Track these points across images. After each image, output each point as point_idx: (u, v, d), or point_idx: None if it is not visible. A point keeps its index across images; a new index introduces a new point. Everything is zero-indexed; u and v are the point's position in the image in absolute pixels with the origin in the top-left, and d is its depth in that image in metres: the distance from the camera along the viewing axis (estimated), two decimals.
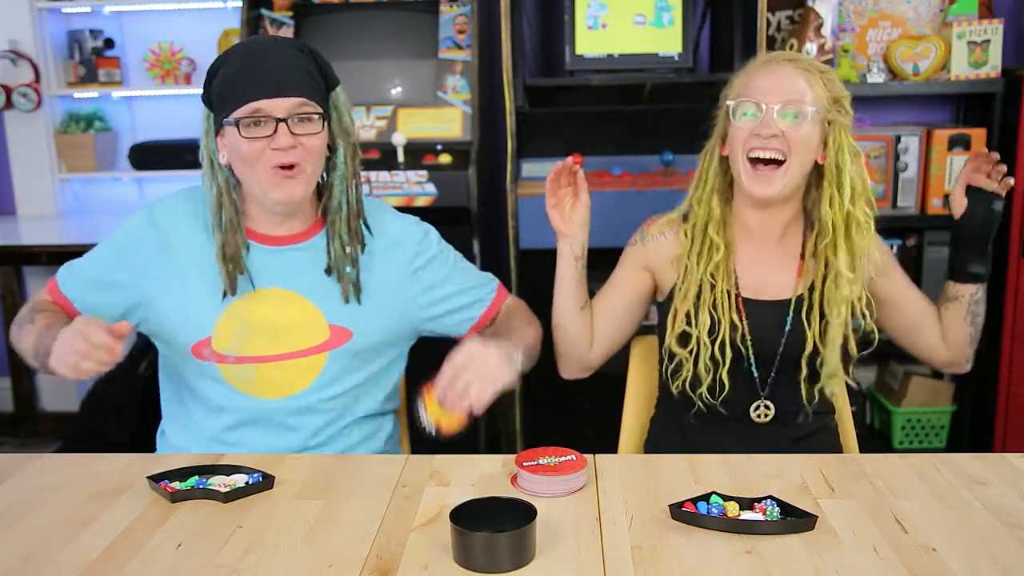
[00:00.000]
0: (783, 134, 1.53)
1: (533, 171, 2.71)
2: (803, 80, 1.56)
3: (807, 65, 1.58)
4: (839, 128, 1.58)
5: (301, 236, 1.56)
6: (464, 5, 2.84)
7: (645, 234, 1.72)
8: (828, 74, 1.59)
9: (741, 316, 1.62)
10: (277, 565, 1.10)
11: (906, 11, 2.90)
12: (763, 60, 1.62)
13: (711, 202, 1.65)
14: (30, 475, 1.38)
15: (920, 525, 1.17)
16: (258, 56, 1.45)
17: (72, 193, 3.66)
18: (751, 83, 1.58)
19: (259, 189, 1.48)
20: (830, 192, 1.59)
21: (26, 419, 3.61)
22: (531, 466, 1.29)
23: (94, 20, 3.57)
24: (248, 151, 1.44)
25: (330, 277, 1.54)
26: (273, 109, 1.43)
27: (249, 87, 1.42)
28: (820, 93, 1.56)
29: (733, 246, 1.65)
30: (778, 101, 1.54)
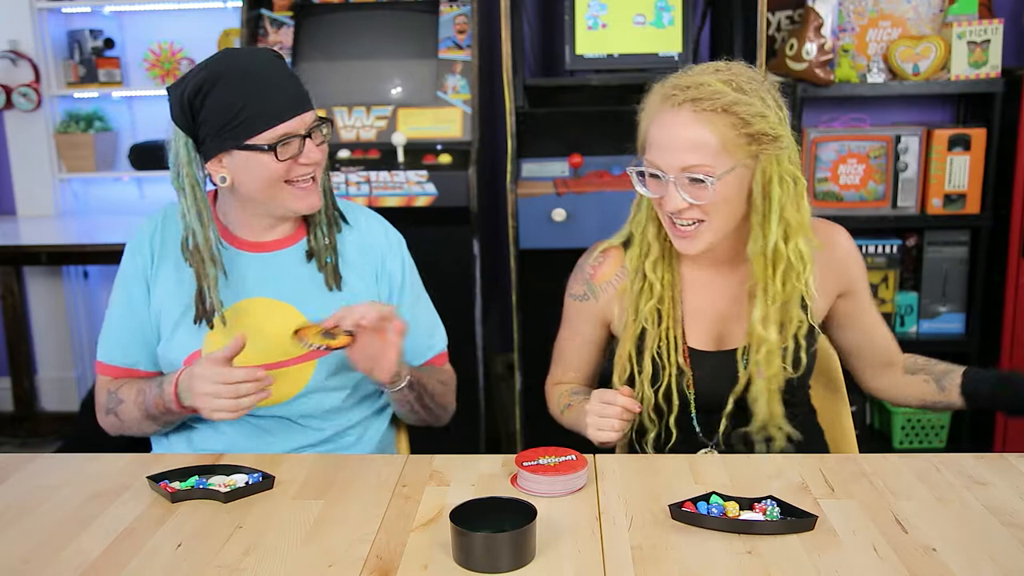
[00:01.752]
0: (690, 206, 1.37)
1: (533, 171, 2.71)
2: (701, 130, 1.34)
3: (708, 105, 1.34)
4: (767, 159, 1.38)
5: (290, 239, 1.57)
6: (464, 5, 2.84)
7: (594, 287, 1.57)
8: (740, 105, 1.34)
9: (687, 364, 1.50)
10: (277, 565, 1.10)
11: (906, 11, 2.90)
12: (662, 96, 1.39)
13: (647, 233, 1.50)
14: (30, 475, 1.38)
15: (920, 525, 1.17)
16: (263, 78, 1.43)
17: (72, 193, 3.67)
18: (651, 133, 1.40)
19: (279, 204, 1.49)
20: (757, 228, 1.41)
21: (26, 419, 3.61)
22: (531, 466, 1.29)
23: (94, 20, 3.57)
24: (277, 170, 1.44)
25: (313, 270, 1.55)
26: (298, 127, 1.44)
27: (274, 111, 1.42)
28: (725, 137, 1.34)
29: (677, 283, 1.51)
30: (675, 168, 1.36)
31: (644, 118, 1.43)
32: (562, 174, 2.68)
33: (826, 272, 1.50)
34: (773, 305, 1.44)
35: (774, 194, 1.39)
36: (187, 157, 1.46)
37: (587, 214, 2.60)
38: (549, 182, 2.64)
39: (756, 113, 1.36)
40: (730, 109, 1.34)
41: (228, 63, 1.44)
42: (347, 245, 1.59)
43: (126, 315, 1.56)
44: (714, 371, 1.51)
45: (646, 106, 1.43)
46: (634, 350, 1.51)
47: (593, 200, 2.61)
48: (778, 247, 1.42)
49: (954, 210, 2.85)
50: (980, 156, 2.81)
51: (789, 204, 1.41)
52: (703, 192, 1.36)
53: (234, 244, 1.55)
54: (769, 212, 1.40)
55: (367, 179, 2.64)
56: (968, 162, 2.82)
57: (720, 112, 1.34)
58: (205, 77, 1.41)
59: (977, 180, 2.82)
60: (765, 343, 1.45)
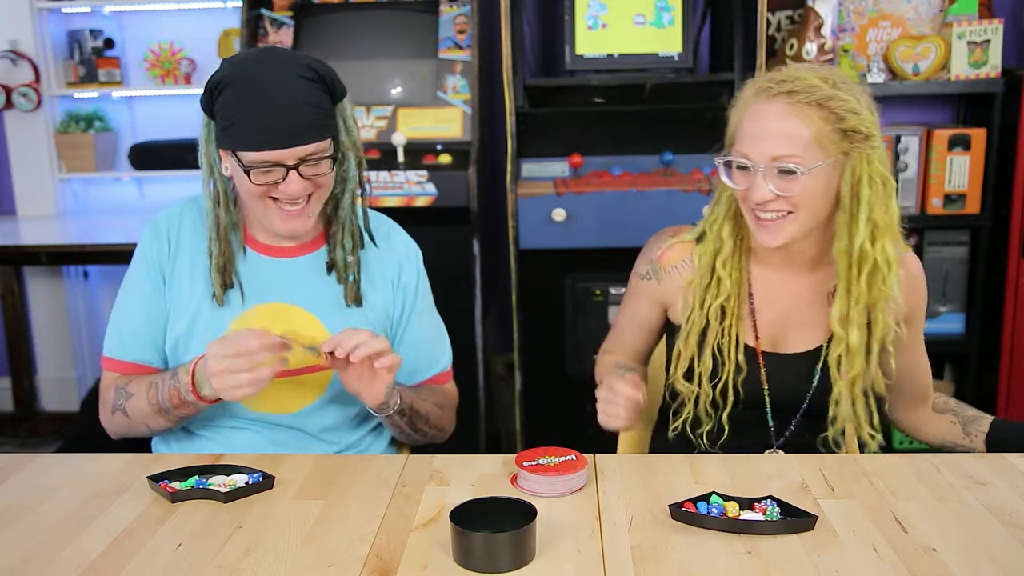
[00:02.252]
0: (777, 197, 1.37)
1: (533, 171, 2.71)
2: (796, 122, 1.35)
3: (804, 98, 1.35)
4: (858, 157, 1.38)
5: (309, 247, 1.56)
6: (464, 5, 2.84)
7: (659, 269, 1.57)
8: (835, 100, 1.36)
9: (760, 365, 1.51)
10: (277, 565, 1.10)
11: (906, 11, 2.90)
12: (756, 89, 1.41)
13: (722, 230, 1.50)
14: (30, 475, 1.38)
15: (920, 525, 1.17)
16: (268, 97, 1.38)
17: (72, 193, 3.67)
18: (742, 125, 1.41)
19: (264, 219, 1.48)
20: (843, 227, 1.41)
21: (26, 419, 3.61)
22: (531, 466, 1.29)
23: (94, 20, 3.57)
24: (256, 191, 1.42)
25: (332, 282, 1.53)
26: (285, 157, 1.40)
27: (260, 135, 1.38)
28: (819, 131, 1.35)
29: (746, 283, 1.52)
30: (766, 158, 1.36)
31: (735, 113, 1.44)
32: (562, 174, 2.68)
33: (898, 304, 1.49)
34: (856, 306, 1.43)
35: (863, 193, 1.39)
36: (206, 136, 1.46)
37: (587, 214, 2.60)
38: (549, 182, 2.64)
39: (850, 109, 1.36)
40: (824, 103, 1.35)
41: (249, 69, 1.41)
42: (371, 260, 1.58)
43: (139, 308, 1.53)
44: (785, 373, 1.51)
45: (737, 101, 1.44)
46: (695, 344, 1.52)
47: (593, 200, 2.61)
48: (864, 248, 1.41)
49: (954, 210, 2.85)
50: (980, 156, 2.81)
51: (878, 205, 1.40)
52: (792, 184, 1.36)
53: (251, 245, 1.54)
54: (857, 212, 1.39)
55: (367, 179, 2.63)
56: (968, 162, 2.82)
57: (815, 105, 1.35)
58: (227, 73, 1.40)
59: (977, 180, 2.82)
60: (843, 343, 1.45)
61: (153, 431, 1.54)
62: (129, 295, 1.55)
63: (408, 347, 1.61)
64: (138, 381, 1.51)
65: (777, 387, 1.52)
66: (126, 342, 1.54)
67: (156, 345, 1.54)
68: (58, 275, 3.65)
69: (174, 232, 1.55)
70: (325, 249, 1.56)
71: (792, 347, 1.53)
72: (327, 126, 1.44)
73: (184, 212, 1.57)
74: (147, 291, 1.53)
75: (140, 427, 1.52)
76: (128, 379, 1.53)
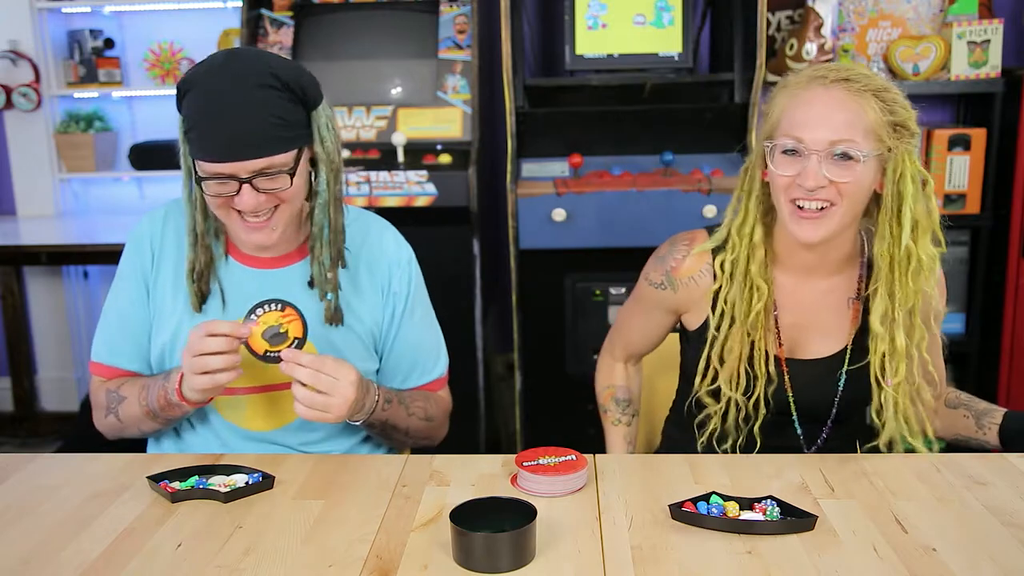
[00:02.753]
0: (830, 183, 1.34)
1: (533, 171, 2.71)
2: (855, 108, 1.33)
3: (862, 86, 1.34)
4: (901, 154, 1.36)
5: (290, 258, 1.52)
6: (464, 5, 2.84)
7: (675, 280, 1.53)
8: (888, 92, 1.35)
9: (783, 372, 1.48)
10: (277, 565, 1.10)
11: (906, 11, 2.90)
12: (809, 76, 1.38)
13: (753, 235, 1.45)
14: (30, 475, 1.38)
15: (920, 525, 1.17)
16: (221, 107, 1.33)
17: (72, 193, 3.67)
18: (792, 112, 1.37)
19: (230, 230, 1.45)
20: (886, 226, 1.39)
21: (26, 419, 3.61)
22: (531, 466, 1.29)
23: (94, 20, 3.57)
24: (212, 201, 1.39)
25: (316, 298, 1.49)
26: (237, 171, 1.34)
27: (210, 147, 1.34)
28: (876, 120, 1.34)
29: (773, 288, 1.48)
30: (823, 143, 1.33)
31: (779, 102, 1.40)
32: (562, 174, 2.69)
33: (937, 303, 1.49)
34: (901, 308, 1.41)
35: (907, 191, 1.37)
36: (182, 138, 1.43)
37: (587, 214, 2.60)
38: (549, 182, 2.64)
39: (902, 104, 1.37)
40: (879, 94, 1.35)
41: (207, 75, 1.35)
42: (360, 268, 1.54)
43: (126, 316, 1.53)
44: (809, 379, 1.49)
45: (781, 91, 1.41)
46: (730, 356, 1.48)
47: (593, 200, 2.61)
48: (908, 247, 1.39)
49: (954, 210, 2.85)
50: (980, 156, 2.81)
51: (920, 203, 1.39)
52: (847, 170, 1.34)
53: (234, 255, 1.51)
54: (902, 207, 1.38)
55: (367, 179, 2.64)
56: (968, 162, 2.82)
57: (871, 95, 1.34)
58: (190, 76, 1.36)
59: (977, 180, 2.82)
60: (886, 345, 1.42)
61: (145, 433, 1.54)
62: (116, 302, 1.54)
63: (400, 352, 1.58)
64: (130, 384, 1.50)
65: (801, 393, 1.49)
66: (114, 348, 1.54)
67: (142, 353, 1.53)
68: (58, 275, 3.65)
69: (157, 239, 1.52)
70: (306, 262, 1.52)
71: (812, 353, 1.50)
72: (289, 138, 1.36)
73: (168, 217, 1.54)
74: (132, 299, 1.52)
75: (132, 430, 1.52)
76: (121, 382, 1.52)
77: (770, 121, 1.42)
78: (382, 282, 1.56)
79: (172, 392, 1.41)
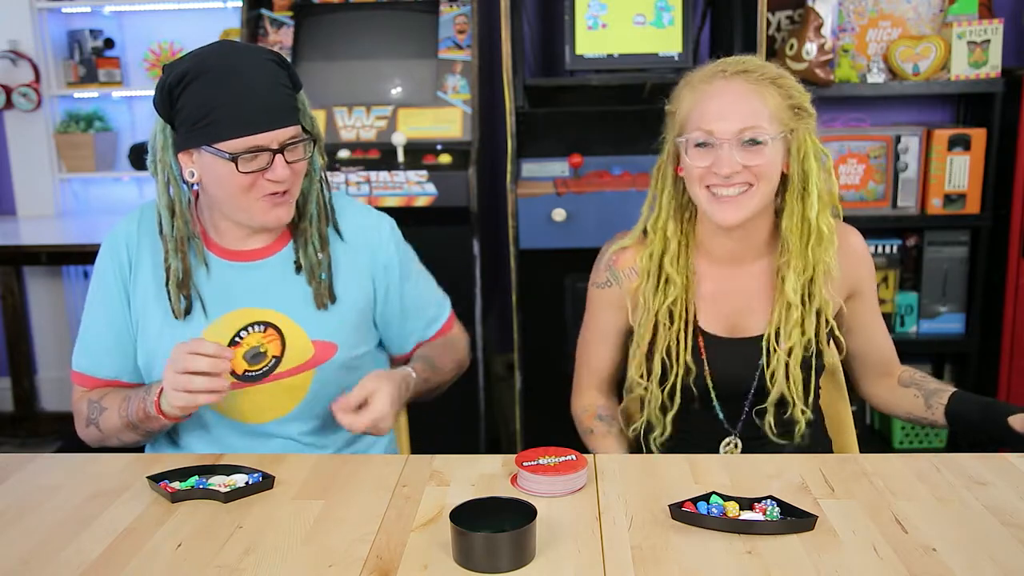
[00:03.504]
0: (744, 168, 1.42)
1: (533, 171, 2.71)
2: (756, 97, 1.42)
3: (759, 76, 1.43)
4: (803, 133, 1.46)
5: (272, 248, 1.52)
6: (464, 5, 2.84)
7: (616, 273, 1.58)
8: (783, 79, 1.45)
9: (701, 356, 1.52)
10: (277, 565, 1.10)
11: (906, 11, 2.90)
12: (710, 73, 1.46)
13: (666, 230, 1.53)
14: (30, 475, 1.38)
15: (920, 525, 1.17)
16: (246, 82, 1.36)
17: (72, 193, 3.67)
18: (700, 107, 1.44)
19: (244, 214, 1.44)
20: (793, 203, 1.47)
21: (26, 419, 3.61)
22: (531, 466, 1.29)
23: (94, 20, 3.58)
24: (239, 181, 1.38)
25: (303, 283, 1.50)
26: (270, 141, 1.37)
27: (245, 121, 1.36)
28: (776, 105, 1.43)
29: (694, 277, 1.54)
30: (732, 132, 1.41)
31: (684, 100, 1.48)
32: (562, 174, 2.68)
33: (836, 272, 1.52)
34: (803, 277, 1.48)
35: (811, 166, 1.46)
36: (163, 142, 1.42)
37: (587, 214, 2.60)
38: (549, 182, 2.64)
39: (797, 88, 1.47)
40: (776, 81, 1.45)
41: (216, 59, 1.38)
42: (340, 254, 1.54)
43: (106, 324, 1.51)
44: (733, 358, 1.53)
45: (684, 90, 1.49)
46: (646, 352, 1.54)
47: (593, 200, 2.61)
48: (812, 219, 1.47)
49: (954, 210, 2.85)
50: (980, 156, 2.81)
51: (823, 177, 1.47)
52: (757, 154, 1.42)
53: (215, 251, 1.51)
54: (808, 183, 1.46)
55: (367, 179, 2.64)
56: (968, 162, 2.82)
57: (769, 83, 1.44)
58: (190, 67, 1.36)
59: (977, 180, 2.82)
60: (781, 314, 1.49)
61: (125, 443, 1.52)
62: (94, 310, 1.53)
63: (405, 316, 1.61)
64: (112, 395, 1.50)
65: (721, 373, 1.53)
66: (94, 358, 1.53)
67: (125, 360, 1.52)
68: (58, 275, 3.65)
69: (133, 246, 1.52)
70: (291, 247, 1.52)
71: (741, 334, 1.54)
72: (299, 111, 1.44)
73: (143, 220, 1.53)
74: (111, 306, 1.51)
75: (112, 440, 1.51)
76: (103, 392, 1.52)
77: (679, 118, 1.49)
78: (366, 266, 1.56)
79: (151, 405, 1.41)
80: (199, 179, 1.43)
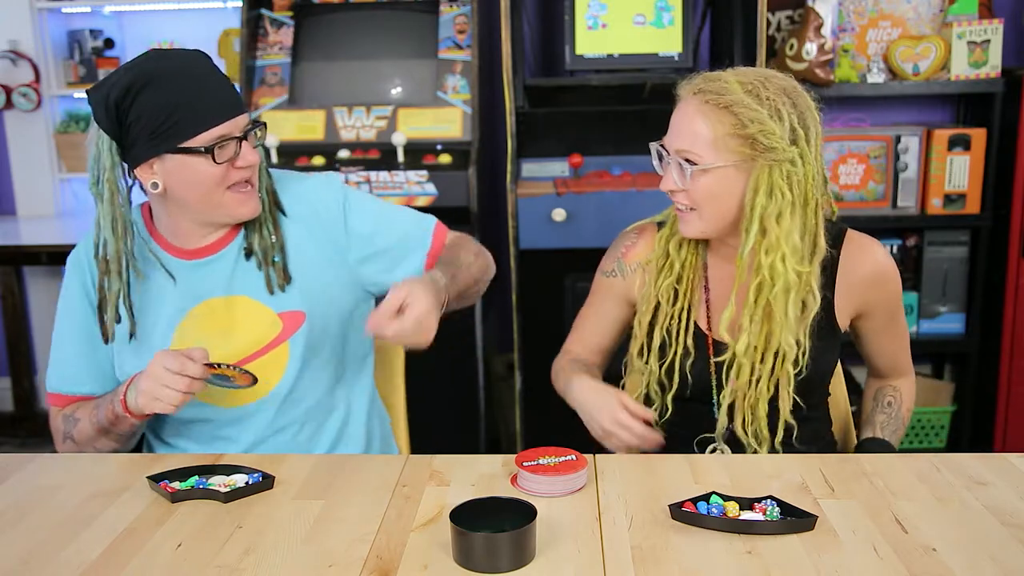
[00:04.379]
0: (680, 189, 1.42)
1: (533, 171, 2.71)
2: (703, 121, 1.38)
3: (714, 100, 1.38)
4: (760, 168, 1.38)
5: (226, 239, 1.52)
6: (464, 5, 2.84)
7: (624, 266, 1.59)
8: (739, 106, 1.36)
9: (709, 354, 1.51)
10: (277, 565, 1.10)
11: (906, 11, 2.90)
12: (687, 85, 1.45)
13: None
14: (30, 475, 1.38)
15: (920, 525, 1.17)
16: (196, 78, 1.40)
17: (72, 193, 3.67)
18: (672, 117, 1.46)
19: (217, 210, 1.45)
20: (742, 233, 1.42)
21: (26, 419, 3.61)
22: (531, 466, 1.29)
23: (94, 20, 3.58)
24: (214, 174, 1.40)
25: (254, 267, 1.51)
26: (232, 129, 1.41)
27: (209, 113, 1.39)
28: (723, 133, 1.37)
29: (699, 268, 1.54)
30: (673, 149, 1.42)
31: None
32: (562, 174, 2.69)
33: (847, 286, 1.50)
34: (746, 309, 1.44)
35: (758, 203, 1.39)
36: (110, 162, 1.41)
37: (587, 214, 2.60)
38: (549, 182, 2.64)
39: (755, 119, 1.36)
40: (730, 108, 1.37)
41: (158, 63, 1.39)
42: (296, 231, 1.53)
43: (76, 342, 1.52)
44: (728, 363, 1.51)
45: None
46: (647, 323, 1.54)
47: (593, 200, 2.61)
48: (751, 258, 1.42)
49: (954, 210, 2.85)
50: (980, 156, 2.81)
51: (770, 218, 1.39)
52: (692, 178, 1.41)
53: (173, 253, 1.51)
54: (751, 221, 1.40)
55: (367, 179, 2.64)
56: (968, 162, 2.82)
57: (720, 108, 1.38)
58: (134, 78, 1.36)
59: (977, 180, 2.82)
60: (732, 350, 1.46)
61: (100, 451, 1.52)
62: (64, 330, 1.54)
63: (398, 246, 1.58)
64: (84, 407, 1.51)
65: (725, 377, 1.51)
66: (67, 377, 1.54)
67: (99, 376, 1.53)
68: (58, 275, 3.64)
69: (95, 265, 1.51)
70: (243, 235, 1.52)
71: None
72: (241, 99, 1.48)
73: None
74: (81, 324, 1.52)
75: (87, 449, 1.51)
76: (75, 406, 1.53)
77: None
78: (313, 225, 1.54)
79: (118, 405, 1.42)
80: (163, 188, 1.42)
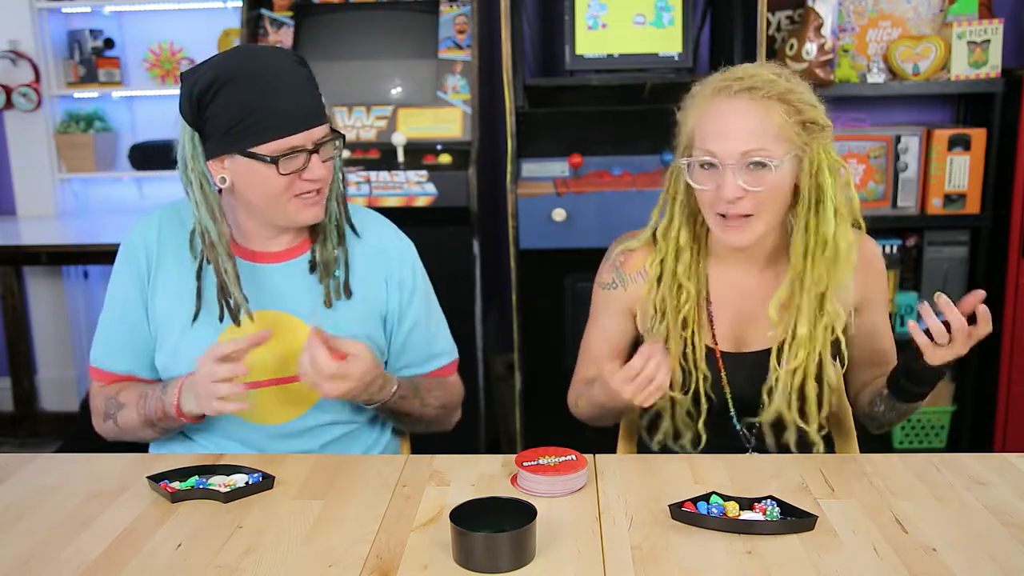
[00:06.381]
0: (747, 193, 1.35)
1: (533, 171, 2.71)
2: (762, 116, 1.35)
3: (766, 92, 1.35)
4: (816, 149, 1.38)
5: (296, 250, 1.52)
6: (464, 5, 2.84)
7: (623, 275, 1.55)
8: (792, 93, 1.37)
9: (719, 368, 1.49)
10: (277, 565, 1.10)
11: (906, 11, 2.90)
12: (714, 88, 1.39)
13: (679, 238, 1.48)
14: (30, 475, 1.38)
15: (920, 525, 1.17)
16: (278, 83, 1.37)
17: (72, 193, 3.67)
18: (703, 125, 1.38)
19: (280, 214, 1.45)
20: (803, 219, 1.40)
21: (26, 419, 3.61)
22: (531, 466, 1.29)
23: (94, 20, 3.57)
24: (278, 183, 1.39)
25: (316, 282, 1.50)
26: (305, 142, 1.39)
27: (282, 123, 1.37)
28: (784, 122, 1.35)
29: (703, 288, 1.50)
30: (735, 154, 1.34)
31: (691, 115, 1.42)
32: (562, 174, 2.69)
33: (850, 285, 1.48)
34: (808, 295, 1.42)
35: (826, 182, 1.38)
36: (192, 151, 1.42)
37: (587, 214, 2.60)
38: (549, 182, 2.64)
39: (807, 102, 1.38)
40: (784, 97, 1.36)
41: (244, 63, 1.38)
42: (355, 255, 1.55)
43: (123, 321, 1.52)
44: (746, 372, 1.50)
45: (691, 103, 1.43)
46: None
47: (593, 200, 2.61)
48: (828, 236, 1.40)
49: (954, 210, 2.85)
50: (980, 156, 2.81)
51: (840, 192, 1.40)
52: (763, 177, 1.36)
53: (238, 253, 1.51)
54: (824, 199, 1.39)
55: (367, 179, 2.64)
56: (968, 162, 2.82)
57: (776, 100, 1.35)
58: (218, 74, 1.36)
59: (977, 180, 2.82)
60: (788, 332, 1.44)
61: (143, 439, 1.54)
62: (113, 307, 1.53)
63: (412, 340, 1.59)
64: (129, 391, 1.50)
65: (738, 388, 1.50)
66: (112, 353, 1.54)
67: (142, 358, 1.53)
68: (58, 275, 3.65)
69: (153, 251, 1.51)
70: (310, 250, 1.53)
71: (751, 346, 1.51)
72: (325, 110, 1.44)
73: (163, 224, 1.53)
74: (127, 307, 1.52)
75: (130, 436, 1.52)
76: (119, 387, 1.52)
77: (684, 135, 1.44)
78: (385, 273, 1.56)
79: (170, 407, 1.42)
80: (231, 184, 1.43)
